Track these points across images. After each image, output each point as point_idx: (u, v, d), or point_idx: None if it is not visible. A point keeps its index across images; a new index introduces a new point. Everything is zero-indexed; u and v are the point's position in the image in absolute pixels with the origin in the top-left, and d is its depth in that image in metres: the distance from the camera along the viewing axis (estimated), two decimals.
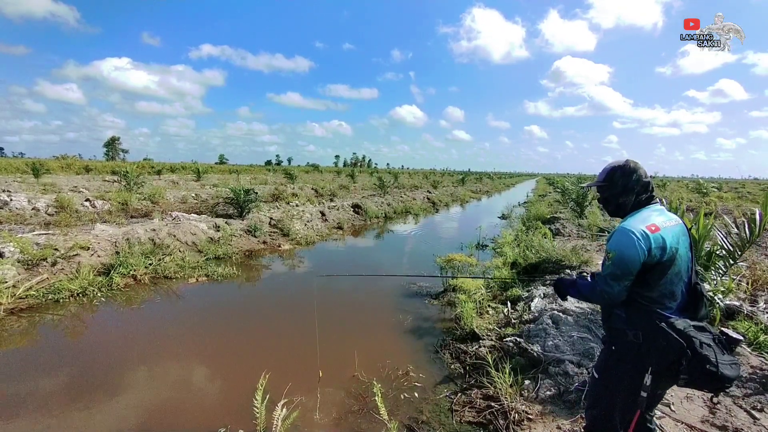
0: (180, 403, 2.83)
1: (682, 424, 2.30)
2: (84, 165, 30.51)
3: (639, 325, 1.46)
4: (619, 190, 1.59)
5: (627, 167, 1.59)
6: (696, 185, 23.67)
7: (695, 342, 1.30)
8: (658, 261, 1.43)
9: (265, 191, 14.70)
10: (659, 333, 1.37)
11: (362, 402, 2.84)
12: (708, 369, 1.27)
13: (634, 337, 1.46)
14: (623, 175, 1.58)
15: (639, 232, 1.43)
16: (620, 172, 1.59)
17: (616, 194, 1.60)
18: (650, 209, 1.56)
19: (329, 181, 25.82)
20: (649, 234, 1.43)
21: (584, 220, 9.64)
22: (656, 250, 1.42)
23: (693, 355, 1.29)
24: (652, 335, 1.41)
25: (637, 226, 1.46)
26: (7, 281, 4.41)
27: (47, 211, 8.99)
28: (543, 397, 2.67)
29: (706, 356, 1.28)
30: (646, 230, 1.44)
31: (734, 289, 3.82)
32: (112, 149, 79.42)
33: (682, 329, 1.34)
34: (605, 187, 1.64)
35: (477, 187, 33.88)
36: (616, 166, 1.62)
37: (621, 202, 1.61)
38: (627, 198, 1.59)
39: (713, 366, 1.26)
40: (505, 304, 4.45)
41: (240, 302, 5.12)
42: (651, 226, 1.45)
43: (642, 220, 1.49)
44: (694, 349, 1.29)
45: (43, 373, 3.17)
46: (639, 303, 1.48)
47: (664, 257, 1.43)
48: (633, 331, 1.47)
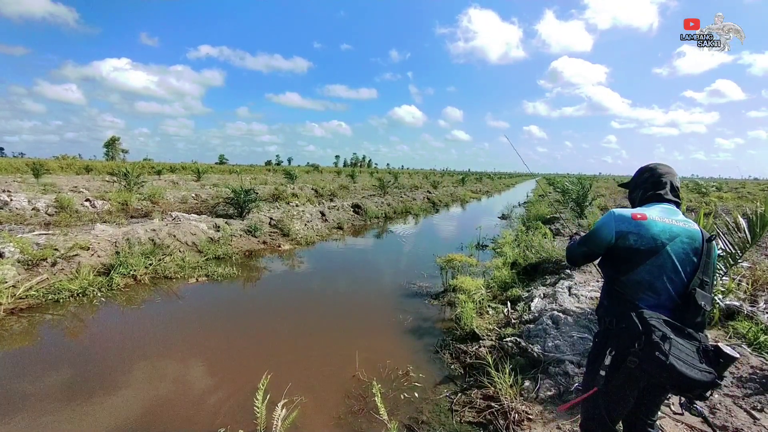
0: (180, 403, 2.83)
1: (682, 424, 2.30)
2: (84, 165, 30.53)
3: (614, 312, 1.52)
4: (632, 185, 1.77)
5: (645, 167, 1.73)
6: (695, 185, 23.67)
7: (655, 332, 1.29)
8: (633, 246, 1.48)
9: (265, 191, 14.71)
10: (625, 319, 1.42)
11: (362, 402, 2.84)
12: (657, 356, 1.25)
13: (609, 323, 1.52)
14: (639, 173, 1.75)
15: (618, 214, 1.54)
16: (640, 170, 1.76)
17: (631, 189, 1.78)
18: (654, 205, 1.60)
19: (329, 181, 25.83)
20: (631, 219, 1.51)
21: (584, 220, 9.63)
22: (632, 235, 1.48)
23: (647, 340, 1.29)
24: (620, 320, 1.46)
25: (623, 210, 1.57)
26: (7, 281, 4.41)
27: (47, 211, 8.99)
28: (543, 397, 2.67)
29: (658, 343, 1.26)
30: (628, 215, 1.52)
31: (734, 289, 3.83)
32: (112, 149, 79.38)
33: (647, 318, 1.34)
34: (628, 183, 1.83)
35: (477, 187, 33.88)
36: (642, 165, 1.77)
37: (632, 197, 1.77)
38: (635, 193, 1.73)
39: (663, 354, 1.24)
40: (505, 304, 4.45)
41: (240, 302, 5.12)
42: (637, 214, 1.53)
43: (633, 209, 1.59)
44: (650, 337, 1.29)
45: (43, 373, 3.17)
46: (617, 292, 1.53)
47: (641, 244, 1.47)
48: (609, 318, 1.53)
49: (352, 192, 18.75)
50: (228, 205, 10.16)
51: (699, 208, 5.86)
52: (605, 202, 14.94)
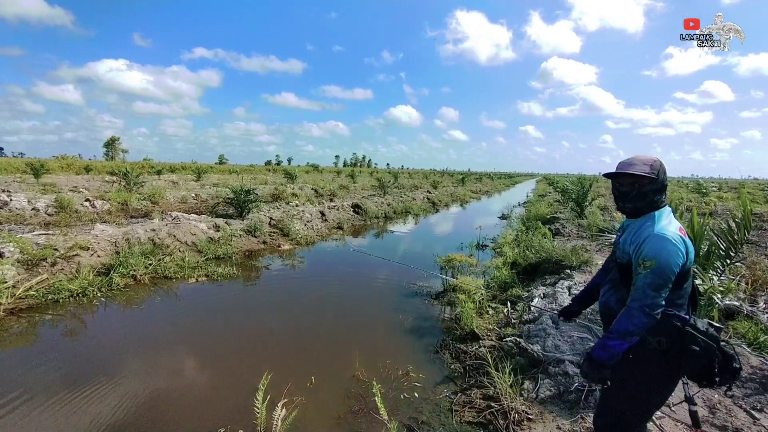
0: (180, 403, 2.83)
1: (682, 424, 2.30)
2: (84, 165, 30.50)
3: (660, 331, 1.36)
4: (659, 186, 1.43)
5: (662, 164, 1.46)
6: (696, 185, 23.68)
7: (719, 341, 1.27)
8: (690, 265, 1.38)
9: (265, 191, 14.70)
10: (687, 337, 1.29)
11: (362, 402, 2.84)
12: (734, 367, 1.23)
13: (658, 344, 1.37)
14: (664, 172, 1.45)
15: (676, 237, 1.34)
16: (662, 167, 1.44)
17: (656, 190, 1.43)
18: (668, 211, 1.47)
19: (329, 181, 25.82)
20: (684, 238, 1.37)
21: (584, 220, 9.63)
22: (691, 254, 1.37)
23: (722, 355, 1.25)
24: (679, 340, 1.33)
25: (670, 230, 1.36)
26: (7, 281, 4.41)
27: (47, 211, 8.98)
28: (543, 397, 2.67)
29: (732, 355, 1.24)
30: (681, 234, 1.36)
31: (734, 289, 3.83)
32: (112, 149, 79.33)
33: (706, 330, 1.28)
34: (651, 180, 1.42)
35: (477, 187, 33.88)
36: (653, 159, 1.45)
37: (656, 199, 1.44)
38: (661, 195, 1.45)
39: (737, 363, 1.23)
40: (505, 304, 4.45)
41: (240, 302, 5.12)
42: (681, 229, 1.39)
43: (670, 223, 1.40)
44: (721, 348, 1.25)
45: (43, 373, 3.16)
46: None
47: (692, 260, 1.39)
48: (655, 338, 1.37)
49: (352, 192, 18.75)
50: (228, 205, 10.16)
51: (699, 208, 5.86)
52: (605, 202, 14.94)
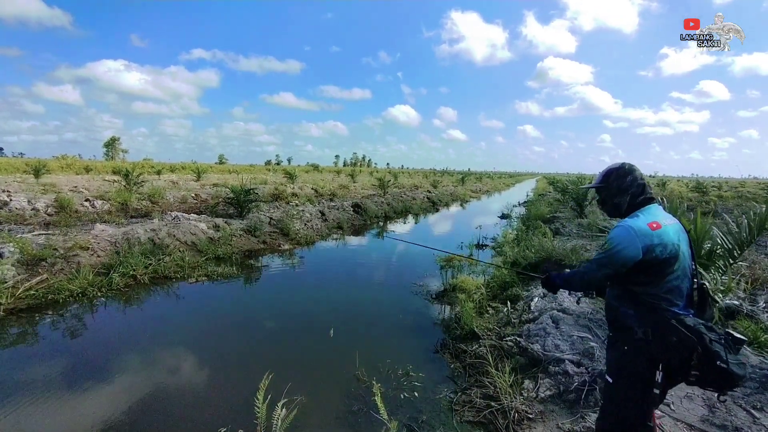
0: (180, 403, 2.83)
1: (682, 423, 2.30)
2: (84, 165, 30.48)
3: (648, 322, 1.46)
4: (614, 191, 1.66)
5: (622, 169, 1.65)
6: (697, 184, 23.68)
7: (705, 338, 1.30)
8: (661, 257, 1.44)
9: (265, 191, 14.69)
10: (669, 329, 1.37)
11: (362, 402, 2.84)
12: (719, 365, 1.26)
13: (644, 334, 1.46)
14: (618, 177, 1.65)
15: (638, 229, 1.47)
16: (615, 173, 1.66)
17: (612, 195, 1.67)
18: (649, 209, 1.58)
19: (329, 180, 25.80)
20: (651, 231, 1.45)
21: (584, 219, 9.63)
22: (658, 247, 1.44)
23: (704, 351, 1.29)
24: (661, 332, 1.41)
25: (637, 223, 1.49)
26: (6, 281, 4.41)
27: (47, 212, 8.98)
28: (543, 397, 2.67)
29: (717, 352, 1.27)
30: (647, 227, 1.47)
31: (734, 288, 3.82)
32: (112, 149, 79.35)
33: (692, 325, 1.34)
34: (602, 188, 1.71)
35: (477, 186, 33.88)
36: (612, 168, 1.68)
37: (616, 203, 1.66)
38: (622, 198, 1.64)
39: (723, 362, 1.25)
40: (505, 304, 4.45)
41: (240, 302, 5.12)
42: (653, 223, 1.48)
43: (643, 219, 1.52)
44: (705, 345, 1.29)
45: (43, 372, 3.16)
46: (647, 300, 1.49)
47: (666, 253, 1.44)
48: (642, 328, 1.47)
49: (352, 191, 18.74)
50: (228, 204, 10.16)
51: (699, 207, 5.86)
52: None
